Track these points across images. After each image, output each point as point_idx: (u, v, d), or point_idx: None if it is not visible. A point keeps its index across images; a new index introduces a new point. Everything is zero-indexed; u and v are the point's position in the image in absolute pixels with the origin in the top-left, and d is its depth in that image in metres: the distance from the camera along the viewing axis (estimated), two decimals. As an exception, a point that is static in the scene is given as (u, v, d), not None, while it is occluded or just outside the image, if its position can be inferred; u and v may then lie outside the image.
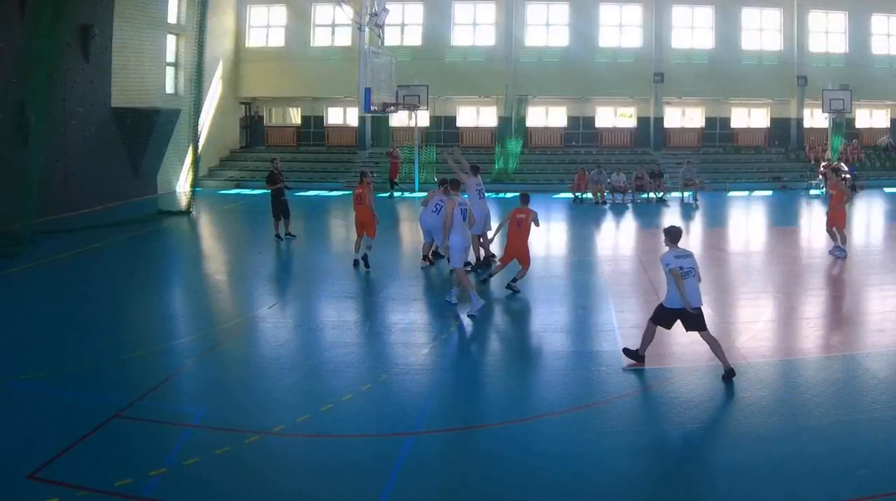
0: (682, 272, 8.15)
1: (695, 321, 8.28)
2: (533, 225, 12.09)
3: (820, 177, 27.08)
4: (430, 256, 14.29)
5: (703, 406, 7.59)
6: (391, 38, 27.67)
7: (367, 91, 18.86)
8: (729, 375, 8.07)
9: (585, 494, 5.98)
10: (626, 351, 8.78)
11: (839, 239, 14.78)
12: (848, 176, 26.67)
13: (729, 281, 13.39)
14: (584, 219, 21.25)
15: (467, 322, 10.74)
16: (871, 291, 12.46)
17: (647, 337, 8.62)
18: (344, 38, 30.31)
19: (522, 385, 8.36)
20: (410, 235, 20.45)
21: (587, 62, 30.08)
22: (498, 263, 12.88)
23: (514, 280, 12.16)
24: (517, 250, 12.04)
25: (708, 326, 8.42)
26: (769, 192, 26.90)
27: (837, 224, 14.84)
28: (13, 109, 17.81)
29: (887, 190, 26.82)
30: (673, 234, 8.54)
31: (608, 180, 24.76)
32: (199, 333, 10.29)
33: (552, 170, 29.59)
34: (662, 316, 8.48)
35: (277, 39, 31.27)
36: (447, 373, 8.71)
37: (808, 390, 7.97)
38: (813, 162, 28.83)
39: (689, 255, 8.40)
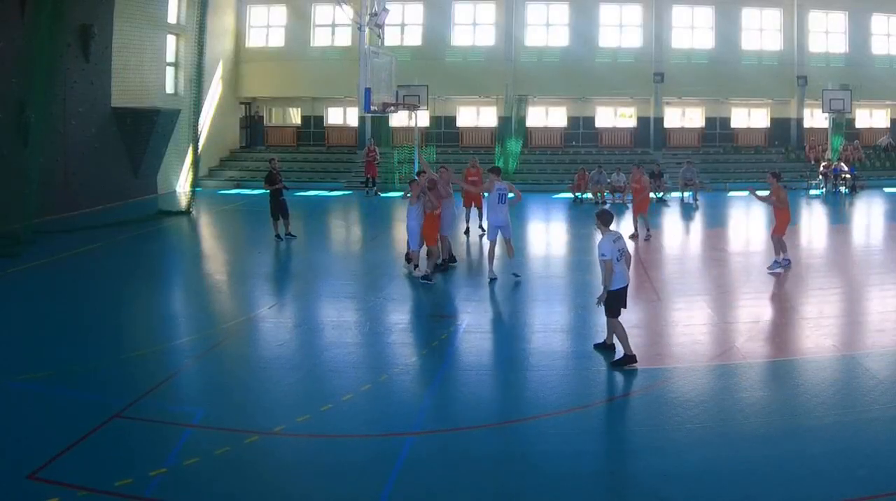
0: (619, 254, 8.54)
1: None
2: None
3: (820, 177, 27.10)
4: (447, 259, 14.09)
5: (703, 406, 7.59)
6: (391, 38, 27.65)
7: (367, 91, 18.83)
8: (622, 362, 8.51)
9: (585, 494, 5.98)
10: (615, 363, 8.63)
11: (780, 249, 13.50)
12: (848, 176, 26.71)
13: (729, 281, 13.39)
14: (584, 219, 21.25)
15: (467, 322, 10.76)
16: (871, 291, 12.46)
17: (621, 334, 8.64)
18: (344, 38, 30.29)
19: (522, 385, 8.36)
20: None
21: (587, 62, 30.06)
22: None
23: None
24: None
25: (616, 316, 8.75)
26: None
27: (777, 232, 13.63)
28: (13, 109, 17.81)
29: (887, 190, 26.81)
30: (604, 218, 8.80)
31: (608, 180, 24.76)
32: (199, 333, 10.29)
33: (552, 170, 29.59)
34: (616, 303, 8.63)
35: (277, 39, 31.25)
36: (447, 373, 8.71)
37: (808, 390, 7.97)
38: (813, 162, 28.81)
39: (620, 237, 8.80)
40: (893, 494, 5.72)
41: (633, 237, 16.83)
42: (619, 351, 8.76)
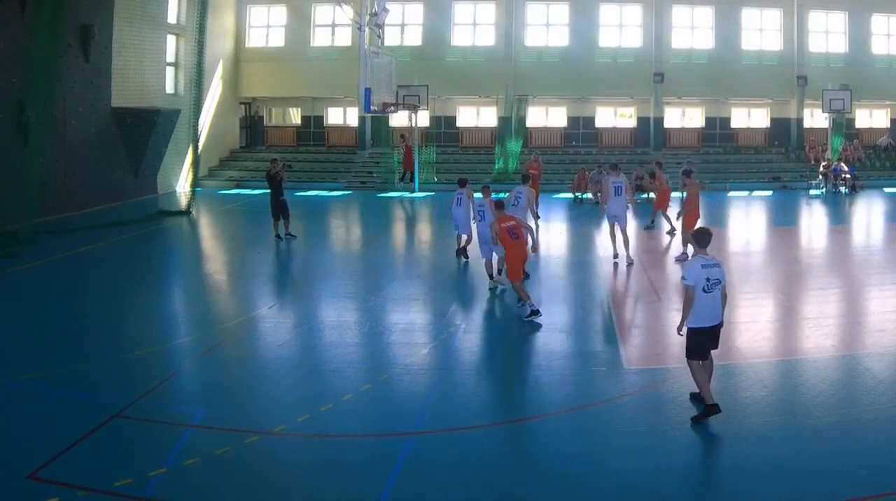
0: (708, 284, 6.99)
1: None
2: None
3: (820, 177, 27.10)
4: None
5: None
6: (391, 38, 27.65)
7: (367, 91, 18.86)
8: (702, 417, 7.06)
9: (585, 494, 5.98)
10: (695, 419, 7.10)
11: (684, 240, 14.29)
12: (848, 176, 26.71)
13: (729, 282, 13.34)
14: (584, 219, 21.24)
15: (467, 322, 10.76)
16: (871, 291, 12.46)
17: (700, 379, 7.10)
18: (344, 38, 30.28)
19: (522, 385, 8.36)
20: (406, 236, 20.50)
21: (587, 62, 30.05)
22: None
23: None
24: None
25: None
26: (769, 192, 26.92)
27: (690, 226, 13.80)
28: (13, 109, 17.81)
29: (887, 190, 26.81)
30: (699, 237, 7.25)
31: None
32: (199, 333, 10.29)
33: (552, 170, 29.53)
34: (700, 343, 7.10)
35: (277, 39, 31.24)
36: (447, 373, 8.70)
37: (808, 390, 7.97)
38: (813, 162, 28.81)
39: (717, 265, 7.14)
40: (893, 494, 5.72)
41: (671, 232, 17.59)
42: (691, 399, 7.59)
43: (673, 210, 17.74)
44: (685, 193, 14.88)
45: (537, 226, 14.99)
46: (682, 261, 13.83)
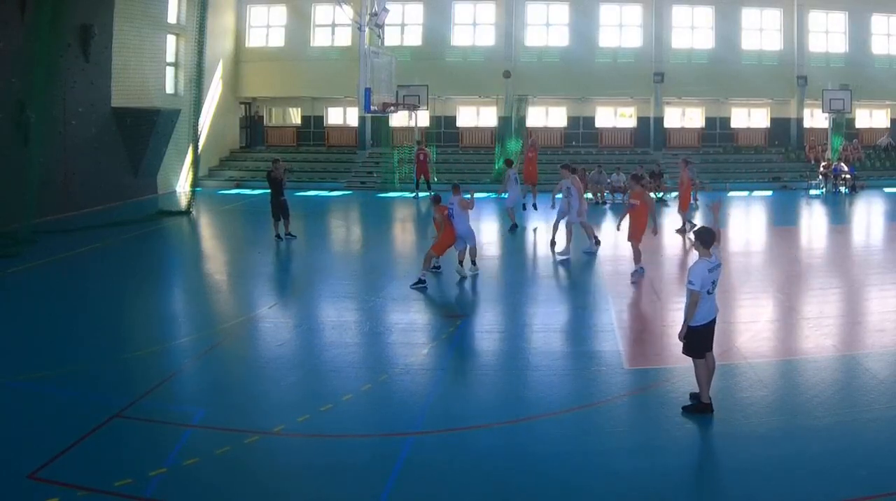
0: (711, 287, 7.10)
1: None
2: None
3: (820, 177, 27.10)
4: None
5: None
6: (391, 38, 27.63)
7: (367, 91, 18.83)
8: (694, 410, 7.25)
9: (585, 494, 5.98)
10: (687, 409, 7.35)
11: (635, 255, 13.09)
12: (848, 176, 26.70)
13: (729, 281, 13.36)
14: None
15: (467, 323, 10.76)
16: (871, 291, 12.46)
17: (702, 376, 7.23)
18: (344, 38, 30.27)
19: (522, 385, 8.36)
20: (406, 236, 20.48)
21: (587, 62, 30.04)
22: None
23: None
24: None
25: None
26: (769, 192, 26.92)
27: (635, 238, 13.13)
28: (13, 109, 17.81)
29: (887, 190, 26.80)
30: (704, 237, 7.14)
31: (608, 180, 24.76)
32: (199, 333, 10.29)
33: (552, 170, 29.48)
34: (699, 341, 7.21)
35: (277, 39, 31.24)
36: (447, 373, 8.71)
37: (808, 390, 7.97)
38: (813, 162, 28.81)
39: (719, 265, 7.26)
40: (893, 494, 5.72)
41: (681, 231, 17.89)
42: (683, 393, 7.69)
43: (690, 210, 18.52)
44: (633, 202, 13.32)
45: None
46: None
